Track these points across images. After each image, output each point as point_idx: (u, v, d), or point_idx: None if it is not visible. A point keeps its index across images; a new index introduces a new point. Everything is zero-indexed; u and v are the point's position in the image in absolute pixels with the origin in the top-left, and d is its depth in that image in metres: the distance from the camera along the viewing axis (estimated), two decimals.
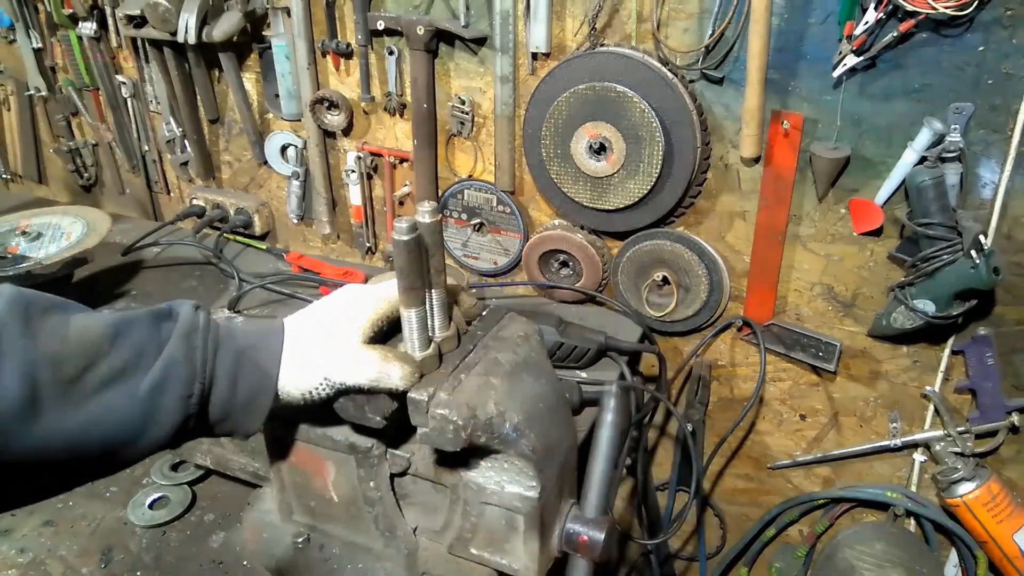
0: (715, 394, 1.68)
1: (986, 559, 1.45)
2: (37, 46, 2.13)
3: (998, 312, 1.35)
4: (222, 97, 1.95)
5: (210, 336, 0.77)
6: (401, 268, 0.79)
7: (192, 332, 0.76)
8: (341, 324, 0.82)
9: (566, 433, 0.93)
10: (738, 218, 1.48)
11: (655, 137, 1.39)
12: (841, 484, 1.62)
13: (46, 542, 1.11)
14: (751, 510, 1.77)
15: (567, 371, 1.41)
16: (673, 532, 1.72)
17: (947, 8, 1.14)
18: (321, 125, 1.77)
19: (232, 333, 0.80)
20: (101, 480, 1.19)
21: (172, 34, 1.72)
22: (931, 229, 1.25)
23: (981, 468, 1.42)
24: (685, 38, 1.38)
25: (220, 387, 0.77)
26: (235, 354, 0.78)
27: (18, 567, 1.07)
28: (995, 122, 1.22)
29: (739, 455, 1.73)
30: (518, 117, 1.57)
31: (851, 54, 1.23)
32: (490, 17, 1.51)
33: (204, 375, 0.75)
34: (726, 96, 1.39)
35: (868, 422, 1.55)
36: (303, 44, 1.69)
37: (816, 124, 1.34)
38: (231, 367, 0.78)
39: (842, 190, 1.37)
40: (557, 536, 0.92)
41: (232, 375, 0.77)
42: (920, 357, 1.44)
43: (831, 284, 1.46)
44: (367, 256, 1.94)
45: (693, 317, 1.58)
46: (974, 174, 1.26)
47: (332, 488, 0.97)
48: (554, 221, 1.65)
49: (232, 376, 0.77)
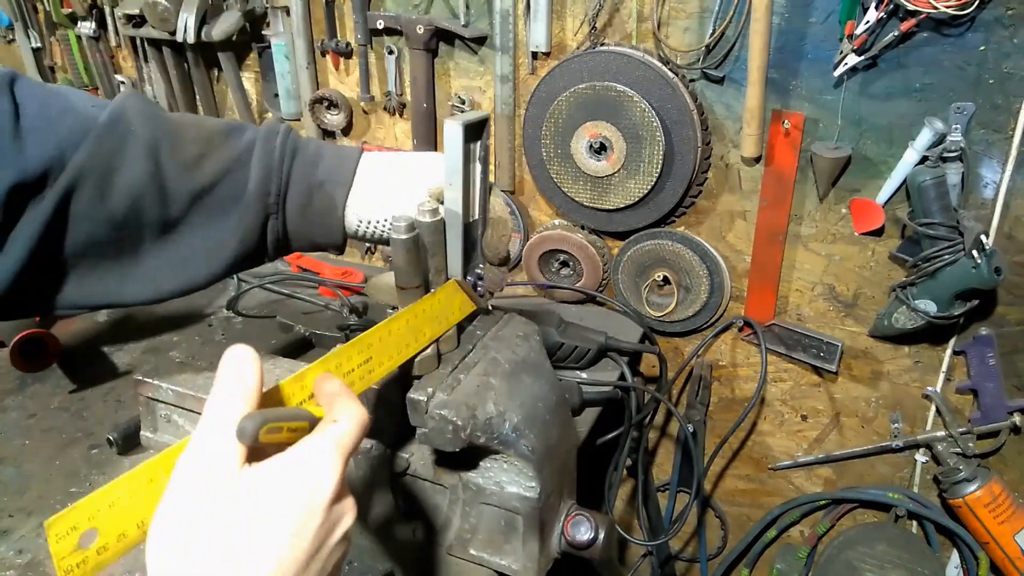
0: (716, 395, 1.68)
1: (988, 560, 1.44)
2: (36, 46, 2.13)
3: (1000, 312, 1.34)
4: (221, 97, 1.94)
5: (288, 142, 0.84)
6: (399, 268, 0.79)
7: (271, 136, 0.83)
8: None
9: (565, 433, 0.93)
10: (739, 218, 1.48)
11: (655, 137, 1.39)
12: (842, 485, 1.62)
13: (44, 544, 1.11)
14: (752, 511, 1.77)
15: (567, 371, 1.41)
16: (674, 533, 1.71)
17: (948, 7, 1.14)
18: (321, 125, 1.77)
19: (309, 144, 0.86)
20: (100, 481, 1.20)
21: (171, 33, 1.72)
22: (932, 229, 1.25)
23: (983, 469, 1.42)
24: (686, 37, 1.37)
25: (295, 193, 0.83)
26: (310, 165, 0.84)
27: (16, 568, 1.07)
28: (996, 122, 1.21)
29: (740, 456, 1.72)
30: (518, 116, 1.56)
31: (852, 53, 1.23)
32: (490, 16, 1.50)
33: (280, 177, 0.82)
34: (727, 95, 1.39)
35: (869, 423, 1.54)
36: (302, 43, 1.69)
37: (817, 124, 1.33)
38: (306, 173, 0.83)
39: (843, 190, 1.36)
40: (556, 537, 0.91)
41: (307, 187, 0.83)
42: (922, 357, 1.43)
43: (832, 284, 1.45)
44: (366, 256, 1.93)
45: (694, 317, 1.57)
46: (975, 174, 1.26)
47: None
48: (554, 221, 1.64)
49: (307, 184, 0.83)
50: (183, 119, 0.83)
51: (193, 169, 0.79)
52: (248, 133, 0.84)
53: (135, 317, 1.68)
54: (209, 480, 0.49)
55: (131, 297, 0.81)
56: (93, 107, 0.77)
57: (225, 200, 0.81)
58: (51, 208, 0.72)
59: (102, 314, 1.68)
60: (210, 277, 0.83)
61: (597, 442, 1.42)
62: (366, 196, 0.85)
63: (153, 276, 0.81)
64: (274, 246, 0.86)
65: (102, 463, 1.25)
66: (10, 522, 1.14)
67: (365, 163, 0.87)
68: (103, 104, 0.78)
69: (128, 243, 0.78)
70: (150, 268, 0.80)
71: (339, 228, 0.86)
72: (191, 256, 0.81)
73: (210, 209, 0.80)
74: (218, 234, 0.81)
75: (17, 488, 1.20)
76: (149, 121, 0.78)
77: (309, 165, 0.84)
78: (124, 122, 0.76)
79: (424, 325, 0.78)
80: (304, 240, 0.87)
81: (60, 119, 0.74)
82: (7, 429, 1.34)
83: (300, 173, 0.84)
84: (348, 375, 0.69)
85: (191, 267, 0.82)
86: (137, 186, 0.76)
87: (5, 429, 1.34)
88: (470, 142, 0.80)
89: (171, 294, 0.83)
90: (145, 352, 1.55)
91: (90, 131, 0.74)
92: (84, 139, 0.74)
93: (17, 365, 1.40)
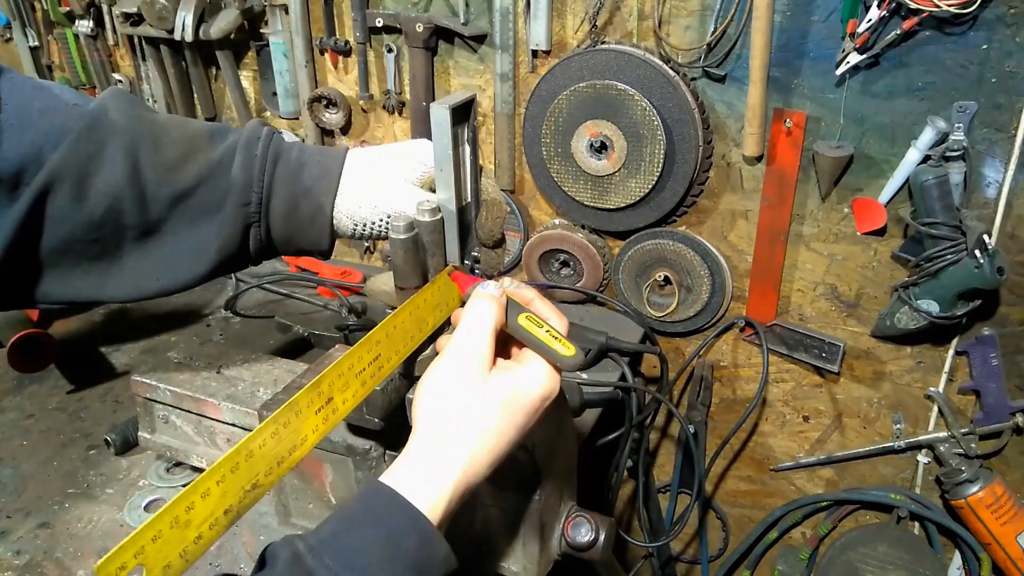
0: (717, 395, 1.67)
1: (990, 561, 1.43)
2: (34, 44, 2.12)
3: (1002, 312, 1.34)
4: (219, 95, 1.94)
5: (270, 148, 0.82)
6: (398, 268, 0.78)
7: (252, 142, 0.81)
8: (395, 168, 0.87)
9: (566, 434, 0.92)
10: (740, 217, 1.47)
11: (656, 135, 1.38)
12: (844, 486, 1.61)
13: (42, 544, 1.10)
14: (753, 512, 1.76)
15: None
16: (675, 535, 1.70)
17: (950, 6, 1.13)
18: (319, 123, 1.76)
19: (292, 149, 0.84)
20: (97, 482, 1.19)
21: (169, 32, 1.72)
22: (935, 228, 1.24)
23: (985, 470, 1.41)
24: (687, 35, 1.36)
25: (279, 202, 0.82)
26: (293, 173, 0.83)
27: (15, 569, 1.06)
28: (999, 121, 1.21)
29: (741, 457, 1.71)
30: (518, 115, 1.56)
31: (854, 52, 1.22)
32: (490, 14, 1.50)
33: (261, 186, 0.81)
34: (728, 94, 1.38)
35: (872, 423, 1.54)
36: (301, 42, 1.68)
37: (819, 122, 1.33)
38: (289, 181, 0.82)
39: (845, 189, 1.36)
40: (557, 538, 0.91)
41: (291, 191, 0.82)
42: (924, 358, 1.43)
43: (834, 284, 1.45)
44: (365, 256, 1.93)
45: (695, 317, 1.57)
46: (978, 173, 1.25)
47: (330, 490, 0.96)
48: (554, 220, 1.64)
49: (291, 191, 0.82)
50: (167, 120, 0.82)
51: (173, 172, 0.78)
52: (231, 137, 0.83)
53: (133, 317, 1.67)
54: (467, 375, 0.67)
55: (112, 295, 0.81)
56: (76, 105, 0.76)
57: (205, 205, 0.80)
58: (25, 208, 0.72)
59: (99, 313, 1.68)
60: (192, 280, 0.83)
61: (598, 443, 1.41)
62: (356, 197, 0.84)
63: (134, 276, 0.81)
64: (257, 252, 0.85)
65: (100, 464, 1.25)
66: (8, 523, 1.14)
67: (351, 163, 0.86)
68: (86, 102, 0.77)
69: (108, 244, 0.78)
70: (131, 269, 0.80)
71: (326, 234, 0.85)
72: (173, 259, 0.81)
73: (191, 213, 0.80)
74: (199, 238, 0.81)
75: (15, 489, 1.20)
76: (131, 122, 0.77)
77: (292, 172, 0.83)
78: (105, 123, 0.76)
79: (426, 315, 0.77)
80: (290, 246, 0.86)
81: (40, 117, 0.73)
82: (4, 429, 1.33)
83: (283, 181, 0.82)
84: (360, 375, 0.69)
85: (173, 270, 0.81)
86: (115, 188, 0.75)
87: (3, 429, 1.33)
88: (458, 125, 0.79)
89: (153, 294, 0.82)
90: (143, 352, 1.55)
91: (70, 131, 0.73)
92: (63, 139, 0.73)
93: (14, 365, 1.40)
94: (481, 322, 0.70)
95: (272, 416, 0.62)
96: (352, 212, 0.84)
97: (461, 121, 0.80)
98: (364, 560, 0.57)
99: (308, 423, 0.65)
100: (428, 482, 0.63)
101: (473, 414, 0.66)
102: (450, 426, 0.66)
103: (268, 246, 0.86)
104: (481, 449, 0.65)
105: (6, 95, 0.72)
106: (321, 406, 0.65)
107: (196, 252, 0.81)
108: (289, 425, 0.63)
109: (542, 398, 0.69)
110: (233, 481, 0.59)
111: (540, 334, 0.71)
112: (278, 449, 0.62)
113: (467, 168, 0.83)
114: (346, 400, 0.68)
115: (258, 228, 0.83)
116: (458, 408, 0.66)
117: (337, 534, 0.59)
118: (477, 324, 0.70)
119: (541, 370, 0.70)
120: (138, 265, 0.80)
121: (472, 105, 0.81)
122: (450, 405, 0.66)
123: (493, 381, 0.68)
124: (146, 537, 0.53)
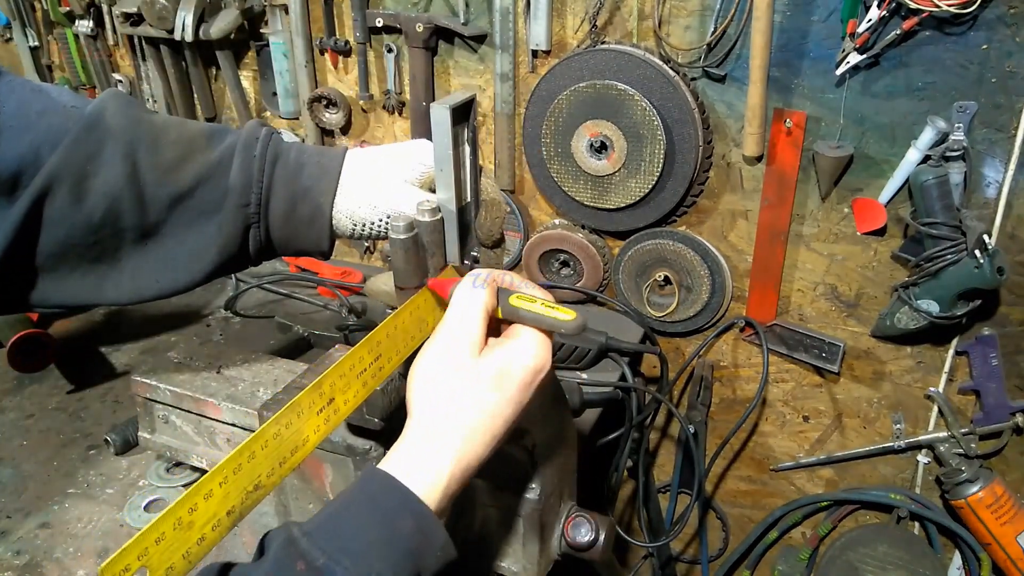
0: (717, 395, 1.67)
1: (990, 561, 1.43)
2: (33, 44, 2.12)
3: (1002, 312, 1.34)
4: (219, 95, 1.93)
5: (269, 149, 0.81)
6: (398, 268, 0.78)
7: (251, 142, 0.81)
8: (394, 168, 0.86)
9: (566, 434, 0.92)
10: (740, 217, 1.47)
11: (656, 135, 1.38)
12: (844, 486, 1.61)
13: (42, 544, 1.10)
14: (753, 512, 1.76)
15: (568, 372, 1.40)
16: (675, 535, 1.70)
17: (950, 6, 1.13)
18: (319, 123, 1.76)
19: (291, 149, 0.84)
20: (97, 482, 1.19)
21: (169, 32, 1.71)
22: (935, 228, 1.24)
23: (985, 470, 1.41)
24: (687, 35, 1.36)
25: (278, 203, 0.81)
26: (292, 174, 0.82)
27: (15, 569, 1.06)
28: (999, 121, 1.21)
29: (741, 457, 1.71)
30: (518, 115, 1.56)
31: (854, 52, 1.22)
32: (490, 14, 1.50)
33: (260, 187, 0.80)
34: (728, 94, 1.38)
35: (871, 423, 1.54)
36: (301, 42, 1.68)
37: (819, 122, 1.33)
38: (288, 182, 0.82)
39: (845, 189, 1.36)
40: (557, 538, 0.90)
41: (290, 192, 0.82)
42: (924, 358, 1.43)
43: (834, 284, 1.45)
44: (365, 256, 1.93)
45: (695, 317, 1.57)
46: (978, 173, 1.25)
47: (330, 490, 0.96)
48: (554, 220, 1.64)
49: (290, 192, 0.82)
50: (165, 121, 0.81)
51: (172, 174, 0.78)
52: (229, 138, 0.83)
53: (132, 317, 1.67)
54: (457, 359, 0.68)
55: (111, 298, 0.81)
56: (74, 107, 0.76)
57: (205, 206, 0.80)
58: (23, 210, 0.71)
59: (99, 314, 1.68)
60: (191, 282, 0.83)
61: (598, 443, 1.41)
62: (355, 197, 0.84)
63: (133, 279, 0.80)
64: (257, 253, 0.85)
65: (100, 464, 1.25)
66: (8, 523, 1.14)
67: (350, 163, 0.85)
68: (84, 104, 0.77)
69: (107, 246, 0.78)
70: (130, 271, 0.80)
71: (325, 234, 0.85)
72: (172, 261, 0.80)
73: (190, 215, 0.80)
74: (199, 240, 0.81)
75: (15, 489, 1.20)
76: (129, 124, 0.77)
77: (291, 173, 0.83)
78: (103, 124, 0.75)
79: (427, 315, 0.77)
80: (289, 247, 0.86)
81: (38, 119, 0.73)
82: (4, 429, 1.33)
83: (282, 182, 0.82)
84: (361, 375, 0.69)
85: (172, 271, 0.81)
86: (114, 190, 0.75)
87: (3, 429, 1.33)
88: (458, 125, 0.79)
89: (152, 296, 0.82)
90: (143, 352, 1.55)
91: (68, 132, 0.73)
92: (61, 141, 0.73)
93: (14, 365, 1.40)
94: (472, 306, 0.69)
95: (274, 417, 0.62)
96: (352, 212, 0.84)
97: (461, 121, 0.80)
98: (359, 543, 0.57)
99: (310, 424, 0.65)
100: (423, 466, 0.63)
101: (466, 397, 0.66)
102: (442, 411, 0.66)
103: (268, 247, 0.85)
104: (476, 430, 0.65)
105: (4, 97, 0.72)
106: (323, 407, 0.65)
107: (195, 254, 0.81)
108: (291, 426, 0.63)
109: (535, 370, 0.68)
110: (236, 482, 0.59)
111: (536, 308, 0.71)
112: (280, 450, 0.62)
113: (467, 168, 0.83)
114: (347, 400, 0.68)
115: (257, 229, 0.82)
116: (450, 392, 0.66)
117: (332, 517, 0.59)
118: (468, 308, 0.69)
119: (532, 341, 0.69)
120: (137, 267, 0.80)
121: (472, 105, 0.81)
122: (443, 389, 0.66)
123: (484, 361, 0.67)
124: (149, 539, 0.53)
